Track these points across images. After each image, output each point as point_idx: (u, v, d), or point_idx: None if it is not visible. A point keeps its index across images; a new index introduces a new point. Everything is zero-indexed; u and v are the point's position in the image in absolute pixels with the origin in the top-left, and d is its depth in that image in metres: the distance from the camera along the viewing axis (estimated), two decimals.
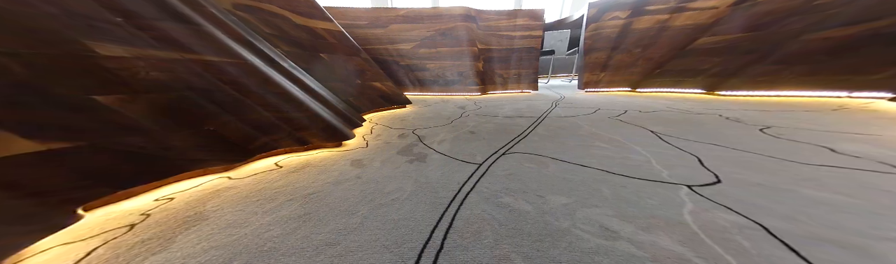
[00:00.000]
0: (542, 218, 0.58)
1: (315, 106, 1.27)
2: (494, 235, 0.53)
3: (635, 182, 0.73)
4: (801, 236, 0.48)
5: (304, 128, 1.14)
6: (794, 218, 0.54)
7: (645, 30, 2.92)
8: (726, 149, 0.96)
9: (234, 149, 0.95)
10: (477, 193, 0.70)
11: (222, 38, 1.08)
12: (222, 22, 1.14)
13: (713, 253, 0.45)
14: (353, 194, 0.73)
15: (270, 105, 1.08)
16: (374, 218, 0.61)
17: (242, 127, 0.98)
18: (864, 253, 0.44)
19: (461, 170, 0.87)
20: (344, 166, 0.95)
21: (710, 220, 0.54)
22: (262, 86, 1.10)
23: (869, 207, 0.56)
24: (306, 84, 1.35)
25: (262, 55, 1.24)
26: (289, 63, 1.39)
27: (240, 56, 1.08)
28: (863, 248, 0.45)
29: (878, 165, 0.77)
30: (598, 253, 0.47)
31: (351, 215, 0.62)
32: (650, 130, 1.27)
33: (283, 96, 1.14)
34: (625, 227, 0.54)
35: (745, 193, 0.64)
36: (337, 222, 0.59)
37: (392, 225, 0.58)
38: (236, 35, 1.16)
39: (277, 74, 1.22)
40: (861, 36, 1.81)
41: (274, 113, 1.08)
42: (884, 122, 1.21)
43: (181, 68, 0.91)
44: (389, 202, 0.67)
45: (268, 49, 1.31)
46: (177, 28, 0.95)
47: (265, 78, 1.12)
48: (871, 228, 0.50)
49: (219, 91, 0.97)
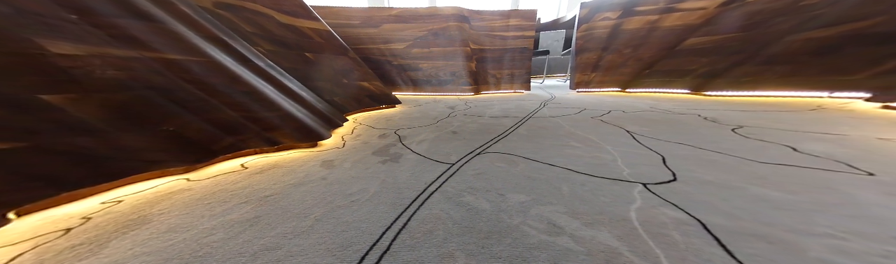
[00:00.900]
0: (496, 215, 0.60)
1: (289, 105, 1.25)
2: (446, 234, 0.54)
3: (596, 180, 0.76)
4: (734, 231, 0.51)
5: (275, 129, 1.12)
6: (733, 215, 0.56)
7: (635, 30, 2.94)
8: (693, 149, 0.98)
9: (196, 149, 0.93)
10: (441, 193, 0.72)
11: (189, 36, 1.05)
12: (193, 20, 1.12)
13: (645, 247, 0.48)
14: (312, 196, 0.73)
15: (238, 104, 1.06)
16: (328, 220, 0.61)
17: (206, 127, 0.96)
18: (789, 247, 0.46)
19: (432, 170, 0.88)
20: (312, 167, 0.95)
21: (652, 216, 0.57)
22: (230, 85, 1.08)
23: (809, 204, 0.59)
24: (282, 83, 1.34)
25: (236, 54, 1.23)
26: (266, 62, 1.39)
27: (206, 54, 1.06)
28: (789, 243, 0.47)
29: (834, 164, 0.79)
30: (538, 248, 0.49)
31: (303, 218, 0.62)
32: (627, 130, 1.29)
33: (252, 95, 1.12)
34: (571, 223, 0.56)
35: (696, 191, 0.67)
36: (286, 225, 0.59)
37: (344, 227, 0.58)
38: (208, 33, 1.15)
39: (249, 73, 1.21)
40: (843, 36, 1.83)
41: (242, 112, 1.07)
42: (855, 122, 1.23)
43: (141, 66, 0.89)
44: (348, 204, 0.68)
45: (244, 48, 1.31)
46: (137, 25, 0.92)
47: (233, 77, 1.10)
48: (803, 224, 0.52)
49: (181, 90, 0.95)
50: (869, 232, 0.49)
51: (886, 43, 1.70)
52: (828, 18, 1.92)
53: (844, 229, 0.50)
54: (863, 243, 0.46)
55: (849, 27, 1.84)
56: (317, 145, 1.22)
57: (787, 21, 2.14)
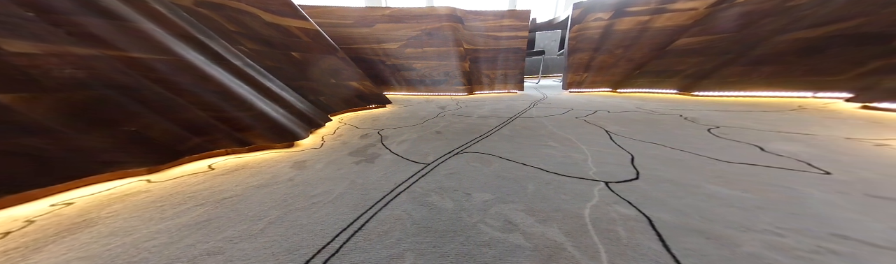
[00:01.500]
0: (456, 214, 0.61)
1: (264, 105, 1.24)
2: (401, 234, 0.55)
3: (562, 179, 0.78)
4: (678, 227, 0.53)
5: (247, 129, 1.11)
6: (682, 212, 0.58)
7: (626, 31, 2.95)
8: (665, 148, 1.00)
9: (159, 150, 0.91)
10: (408, 193, 0.72)
11: (158, 34, 1.03)
12: (165, 18, 1.10)
13: (590, 242, 0.50)
14: (273, 198, 0.72)
15: (207, 104, 1.04)
16: (282, 223, 0.60)
17: (172, 127, 0.95)
18: (725, 243, 0.48)
19: (405, 171, 0.88)
20: (282, 168, 0.94)
21: (604, 213, 0.58)
22: (199, 84, 1.05)
23: (757, 202, 0.60)
24: (260, 82, 1.33)
25: (211, 52, 1.21)
26: (244, 61, 1.38)
27: (174, 53, 1.04)
28: (726, 239, 0.49)
29: (795, 163, 0.81)
30: (488, 245, 0.51)
31: (256, 221, 0.61)
32: (606, 130, 1.31)
33: (223, 95, 1.10)
34: (526, 220, 0.58)
35: (653, 189, 0.69)
36: (236, 229, 0.58)
37: (297, 230, 0.57)
38: (181, 31, 1.14)
39: (223, 72, 1.19)
40: (828, 37, 1.85)
41: (211, 112, 1.05)
42: (831, 122, 1.25)
43: (102, 65, 0.87)
44: (309, 206, 0.67)
45: (221, 46, 1.30)
46: (98, 23, 0.90)
47: (202, 75, 1.07)
48: (746, 221, 0.54)
49: (145, 89, 0.93)
50: (808, 228, 0.51)
51: (870, 43, 1.72)
52: (814, 19, 1.94)
53: (784, 226, 0.52)
54: (798, 239, 0.48)
55: (834, 28, 1.86)
56: (293, 145, 1.22)
57: (775, 22, 2.16)
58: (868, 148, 0.91)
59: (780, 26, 2.10)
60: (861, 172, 0.73)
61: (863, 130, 1.11)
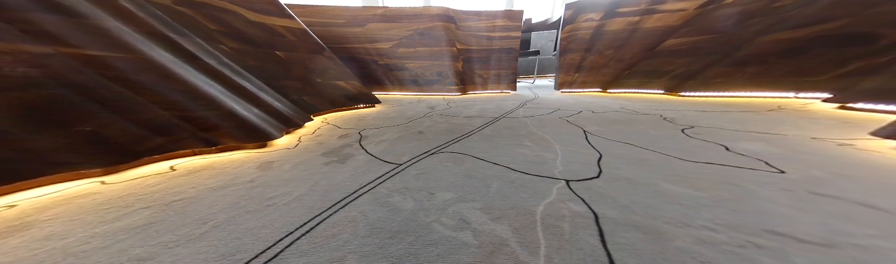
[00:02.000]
0: (413, 214, 0.62)
1: (235, 104, 1.22)
2: (350, 236, 0.54)
3: (526, 177, 0.80)
4: (621, 223, 0.55)
5: (214, 128, 1.09)
6: (629, 208, 0.60)
7: (617, 31, 2.97)
8: (634, 148, 1.02)
9: (116, 150, 0.89)
10: (372, 194, 0.73)
11: (120, 32, 1.01)
12: (133, 16, 1.08)
13: (534, 238, 0.52)
14: (226, 200, 0.71)
15: (171, 103, 1.02)
16: (227, 227, 0.59)
17: (130, 127, 0.93)
18: (659, 238, 0.50)
19: (375, 171, 0.89)
20: (247, 169, 0.93)
21: (556, 210, 0.61)
22: (162, 82, 1.03)
23: (704, 199, 0.63)
24: (234, 81, 1.31)
25: (181, 51, 1.19)
26: (219, 60, 1.36)
27: (136, 51, 1.01)
28: (662, 234, 0.51)
29: (755, 162, 0.83)
30: (436, 244, 0.52)
31: (201, 224, 0.60)
32: (584, 130, 1.33)
33: (188, 94, 1.08)
34: (480, 218, 0.60)
35: (609, 187, 0.71)
36: (176, 233, 0.57)
37: (240, 234, 0.56)
38: (149, 29, 1.12)
39: (193, 71, 1.18)
40: (809, 38, 1.87)
41: (174, 111, 1.03)
42: (804, 122, 1.27)
43: (57, 64, 0.85)
44: (262, 208, 0.66)
45: (194, 45, 1.28)
46: (53, 20, 0.88)
47: (166, 74, 1.05)
48: (687, 217, 0.56)
49: (102, 88, 0.91)
50: (743, 224, 0.53)
51: (851, 44, 1.74)
52: (798, 20, 1.96)
53: (722, 222, 0.54)
54: (730, 234, 0.50)
55: (817, 28, 1.87)
56: (266, 145, 1.21)
57: (759, 22, 2.18)
58: (830, 147, 0.93)
59: (766, 27, 2.12)
60: (813, 171, 0.75)
61: (832, 130, 1.14)
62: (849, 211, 0.56)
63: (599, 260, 0.45)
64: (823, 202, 0.60)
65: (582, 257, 0.46)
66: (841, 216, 0.54)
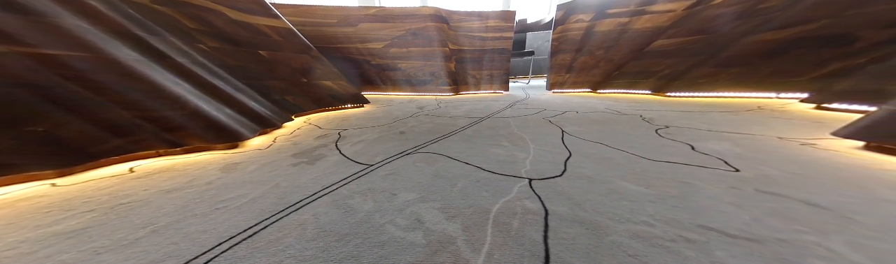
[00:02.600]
0: (368, 216, 0.62)
1: (205, 104, 1.21)
2: (294, 240, 0.54)
3: (492, 177, 0.82)
4: (567, 219, 0.57)
5: (178, 129, 1.07)
6: (580, 205, 0.62)
7: (607, 32, 2.99)
8: (605, 147, 1.05)
9: (70, 152, 0.87)
10: (332, 195, 0.72)
11: (81, 30, 0.98)
12: (99, 14, 1.07)
13: (481, 235, 0.54)
14: (176, 203, 0.70)
15: (131, 103, 1.00)
16: (165, 231, 0.58)
17: (87, 127, 0.91)
18: (598, 232, 0.53)
19: (342, 173, 0.88)
20: (209, 171, 0.92)
21: (510, 208, 0.63)
22: (123, 82, 1.01)
23: (652, 196, 0.65)
24: (207, 81, 1.30)
25: (150, 50, 1.18)
26: (192, 59, 1.35)
27: (97, 49, 0.99)
28: (601, 229, 0.54)
29: (714, 161, 0.86)
30: (382, 245, 0.52)
31: (140, 229, 0.59)
32: (563, 130, 1.36)
33: (152, 93, 1.06)
34: (435, 218, 0.61)
35: (568, 185, 0.73)
36: (111, 238, 0.56)
37: (178, 238, 0.55)
38: (116, 28, 1.10)
39: (161, 70, 1.17)
40: (791, 39, 1.90)
41: (135, 111, 1.01)
42: (777, 122, 1.30)
43: (10, 62, 0.83)
44: (210, 211, 0.65)
45: (166, 44, 1.27)
46: (7, 19, 0.86)
47: (128, 73, 1.03)
48: (631, 213, 0.58)
49: (58, 87, 0.89)
50: (680, 220, 0.56)
51: (831, 45, 1.77)
52: (780, 21, 1.99)
53: (661, 217, 0.56)
54: (665, 229, 0.53)
55: (797, 30, 1.90)
56: (237, 146, 1.19)
57: (744, 23, 2.20)
58: (792, 147, 0.96)
59: (751, 28, 2.14)
60: (767, 169, 0.78)
61: (801, 130, 1.16)
62: (787, 208, 0.58)
63: (537, 254, 0.47)
64: (765, 199, 0.62)
65: (521, 252, 0.48)
66: (777, 213, 0.57)
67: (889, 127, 0.84)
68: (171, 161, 1.04)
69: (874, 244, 0.46)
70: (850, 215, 0.55)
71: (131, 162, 1.01)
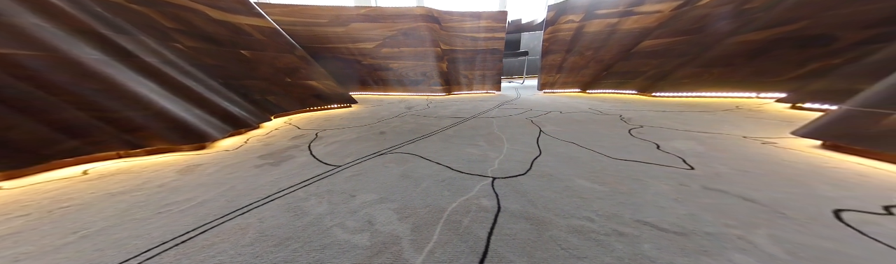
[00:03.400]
0: (318, 219, 0.61)
1: (171, 104, 1.19)
2: (229, 246, 0.52)
3: (459, 176, 0.83)
4: (516, 216, 0.59)
5: (139, 129, 1.05)
6: (532, 202, 0.65)
7: (596, 33, 3.02)
8: (575, 147, 1.07)
9: (17, 154, 0.84)
10: (287, 198, 0.71)
11: (35, 28, 0.96)
12: (61, 13, 1.05)
13: (429, 234, 0.55)
14: (118, 207, 0.68)
15: (88, 103, 0.98)
16: (96, 237, 0.56)
17: (40, 128, 0.89)
18: (540, 228, 0.55)
19: (306, 174, 0.87)
20: (166, 173, 0.91)
21: (466, 206, 0.65)
22: (80, 82, 0.98)
23: (602, 193, 0.68)
24: (176, 81, 1.28)
25: (115, 49, 1.16)
26: (163, 58, 1.34)
27: (53, 48, 0.97)
28: (545, 224, 0.56)
29: (674, 160, 0.89)
30: (323, 249, 0.51)
31: (69, 234, 0.57)
32: (541, 130, 1.38)
33: (111, 93, 1.03)
34: (388, 218, 0.60)
35: (528, 183, 0.76)
36: (37, 244, 0.54)
37: (107, 245, 0.54)
38: (79, 26, 1.08)
39: (125, 69, 1.14)
40: (771, 40, 1.92)
41: (93, 112, 0.98)
42: (747, 122, 1.33)
43: None
44: (151, 216, 0.64)
45: (135, 43, 1.25)
46: None
47: (86, 73, 1.00)
48: (577, 209, 0.61)
49: (9, 87, 0.87)
50: (620, 215, 0.58)
51: (810, 46, 1.79)
52: (762, 22, 2.01)
53: (604, 213, 0.59)
54: (603, 224, 0.55)
55: (778, 30, 1.93)
56: (205, 147, 1.17)
57: (728, 24, 2.23)
58: (753, 146, 0.99)
59: (734, 29, 2.17)
60: (721, 168, 0.80)
61: (768, 129, 1.19)
62: (724, 203, 0.61)
63: (477, 250, 0.49)
64: (708, 195, 0.65)
65: (463, 249, 0.50)
66: (713, 208, 0.59)
67: (840, 126, 0.87)
68: (129, 163, 1.01)
69: (794, 237, 0.49)
70: (782, 210, 0.57)
71: (87, 164, 0.98)
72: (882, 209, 0.57)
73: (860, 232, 0.50)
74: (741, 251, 0.46)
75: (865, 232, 0.50)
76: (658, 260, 0.45)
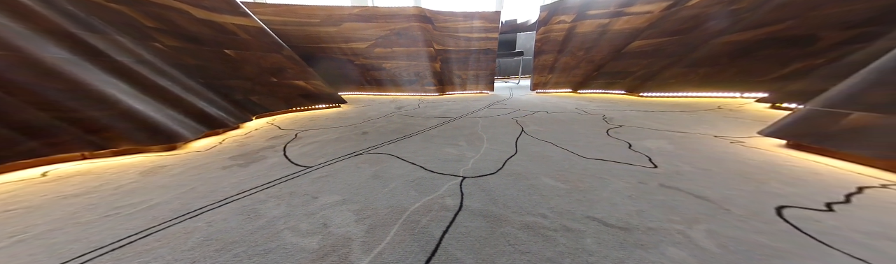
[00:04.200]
0: (271, 222, 0.60)
1: (141, 104, 1.17)
2: (168, 250, 0.52)
3: (431, 176, 0.84)
4: (476, 213, 0.60)
5: (104, 130, 1.03)
6: (494, 200, 0.66)
7: (587, 33, 3.04)
8: (550, 146, 1.09)
9: None
10: (245, 200, 0.70)
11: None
12: (26, 11, 1.04)
13: (383, 235, 0.55)
14: (66, 210, 0.67)
15: (49, 103, 0.96)
16: (34, 241, 0.55)
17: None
18: (494, 224, 0.56)
19: (273, 175, 0.86)
20: (127, 174, 0.89)
21: (429, 205, 0.65)
22: (41, 81, 0.96)
23: (563, 191, 0.69)
24: (150, 80, 1.27)
25: (84, 48, 1.14)
26: (137, 58, 1.32)
27: (13, 48, 0.95)
28: (500, 221, 0.57)
29: (640, 158, 0.90)
30: (266, 253, 0.50)
31: (6, 239, 0.56)
32: (523, 130, 1.40)
33: (75, 93, 1.01)
34: (345, 220, 0.60)
35: (496, 182, 0.77)
36: None
37: (41, 249, 0.53)
38: (45, 26, 1.07)
39: (93, 69, 1.13)
40: (756, 40, 1.94)
41: (54, 112, 0.97)
42: (723, 121, 1.35)
43: None
44: (97, 219, 0.62)
45: (107, 42, 1.24)
46: None
47: (48, 72, 0.99)
48: (535, 206, 0.63)
49: None
50: (573, 211, 0.60)
51: (794, 46, 1.81)
52: (748, 22, 2.04)
53: (559, 209, 0.61)
54: (554, 220, 0.57)
55: (763, 31, 1.95)
56: (176, 148, 1.16)
57: (716, 25, 2.25)
58: (722, 145, 1.01)
59: (720, 29, 2.19)
60: (683, 166, 0.82)
61: (741, 128, 1.21)
62: (676, 200, 0.63)
63: (427, 249, 0.50)
64: (662, 193, 0.66)
65: (413, 249, 0.50)
66: (663, 205, 0.61)
67: (803, 126, 0.89)
68: (93, 164, 0.99)
69: (730, 232, 0.51)
70: (728, 206, 0.59)
71: (48, 165, 0.97)
72: (824, 206, 0.59)
73: (795, 228, 0.52)
74: (676, 244, 0.48)
75: (800, 228, 0.52)
76: (596, 253, 0.47)
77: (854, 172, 0.75)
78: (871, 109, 0.78)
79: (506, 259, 0.47)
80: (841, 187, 0.67)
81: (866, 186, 0.67)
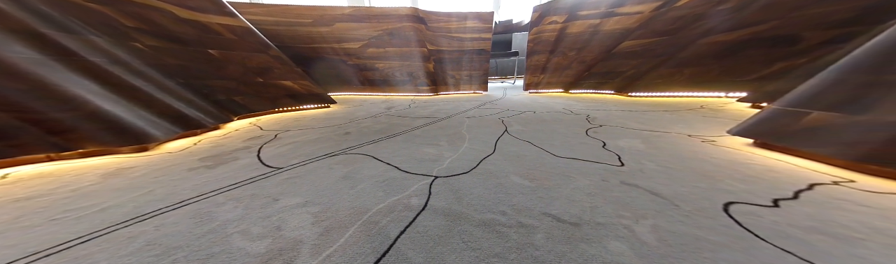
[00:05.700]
0: (222, 226, 0.58)
1: (110, 105, 1.15)
2: (106, 256, 0.51)
3: (403, 176, 0.84)
4: (438, 212, 0.61)
5: (68, 131, 1.01)
6: (460, 199, 0.67)
7: (578, 34, 3.06)
8: (528, 145, 1.10)
9: None
10: (201, 203, 0.69)
11: None
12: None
13: (337, 237, 0.54)
14: (13, 213, 0.66)
15: (10, 104, 0.94)
16: None
17: None
18: (454, 222, 0.57)
19: (239, 177, 0.85)
20: (87, 177, 0.87)
21: (394, 206, 0.65)
22: (3, 82, 0.96)
23: (528, 189, 0.70)
24: (122, 81, 1.26)
25: (54, 48, 1.13)
26: (112, 58, 1.31)
27: None
28: (460, 219, 0.58)
29: (610, 157, 0.92)
30: (208, 258, 0.49)
31: None
32: (506, 130, 1.42)
33: (38, 94, 1.00)
34: (302, 223, 0.59)
35: (467, 181, 0.77)
36: None
37: None
38: (14, 26, 1.06)
39: (61, 69, 1.11)
40: (741, 40, 1.96)
41: (15, 113, 0.95)
42: (701, 121, 1.37)
43: None
44: (42, 223, 0.61)
45: (79, 42, 1.23)
46: None
47: (10, 72, 0.98)
48: (496, 204, 0.64)
49: None
50: (532, 208, 0.61)
51: (777, 46, 1.84)
52: (733, 22, 2.06)
53: (519, 207, 0.62)
54: (512, 217, 0.58)
55: (748, 31, 1.97)
56: (147, 149, 1.15)
57: (704, 25, 2.28)
58: (693, 144, 1.03)
59: (707, 29, 2.22)
60: (649, 164, 0.84)
61: (716, 127, 1.23)
62: (630, 197, 0.64)
63: (379, 250, 0.50)
64: (621, 190, 0.68)
65: (365, 250, 0.50)
66: (618, 201, 0.62)
67: (765, 125, 0.91)
68: (57, 166, 0.98)
69: (673, 226, 0.53)
70: (678, 203, 0.61)
71: (10, 167, 0.95)
72: (771, 202, 0.61)
73: (737, 222, 0.54)
74: (619, 238, 0.50)
75: (741, 222, 0.54)
76: (542, 248, 0.48)
77: (811, 170, 0.77)
78: (828, 109, 0.81)
79: (455, 256, 0.47)
80: (793, 184, 0.69)
81: (818, 183, 0.69)
